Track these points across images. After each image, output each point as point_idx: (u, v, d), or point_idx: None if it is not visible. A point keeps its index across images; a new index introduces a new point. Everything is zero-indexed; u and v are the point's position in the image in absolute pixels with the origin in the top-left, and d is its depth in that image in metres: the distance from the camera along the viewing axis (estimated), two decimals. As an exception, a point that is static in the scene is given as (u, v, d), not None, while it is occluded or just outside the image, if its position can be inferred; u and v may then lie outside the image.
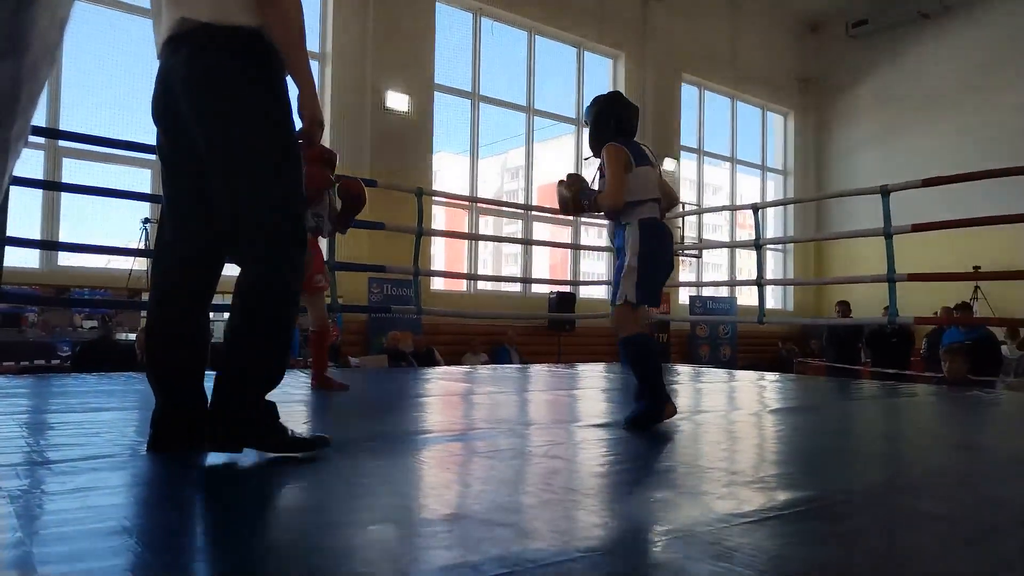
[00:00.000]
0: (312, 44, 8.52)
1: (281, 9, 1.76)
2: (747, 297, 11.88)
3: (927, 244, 6.82)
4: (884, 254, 4.80)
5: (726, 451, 2.32)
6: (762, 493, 1.62)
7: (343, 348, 7.80)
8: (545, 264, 11.46)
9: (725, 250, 12.58)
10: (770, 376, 5.54)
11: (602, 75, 11.14)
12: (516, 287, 10.07)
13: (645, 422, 2.53)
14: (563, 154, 11.14)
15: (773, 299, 13.10)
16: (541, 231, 10.37)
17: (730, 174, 12.82)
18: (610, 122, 2.74)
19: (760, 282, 5.70)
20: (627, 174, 2.63)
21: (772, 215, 13.32)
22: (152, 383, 1.88)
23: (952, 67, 11.40)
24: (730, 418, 3.12)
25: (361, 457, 1.94)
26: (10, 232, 3.92)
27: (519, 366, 6.63)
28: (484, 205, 9.66)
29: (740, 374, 5.72)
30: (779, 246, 13.07)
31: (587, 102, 2.87)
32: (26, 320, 6.49)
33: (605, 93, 2.88)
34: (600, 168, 2.73)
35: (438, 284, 9.39)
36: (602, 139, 2.72)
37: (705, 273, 12.31)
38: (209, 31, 1.73)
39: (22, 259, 6.57)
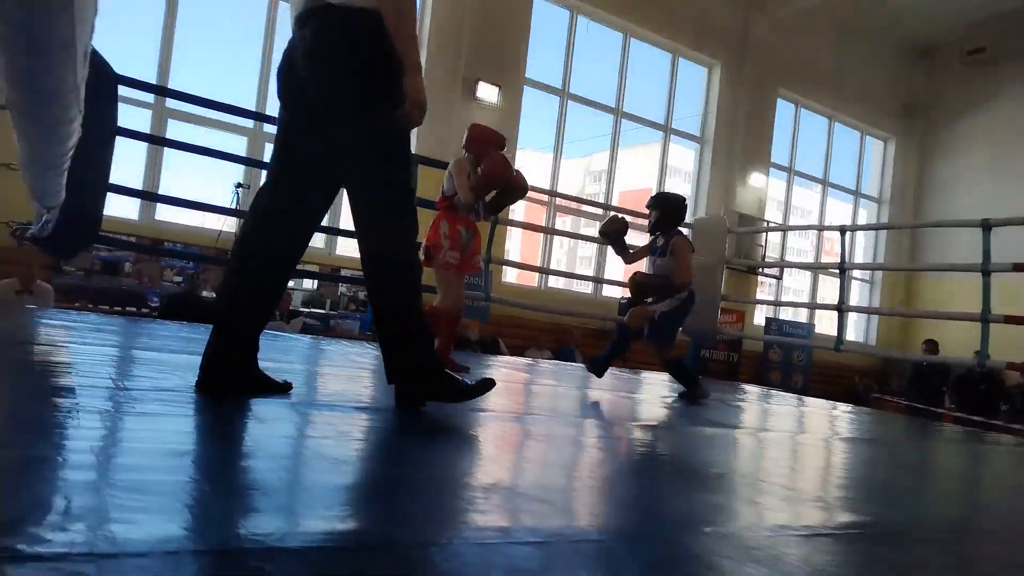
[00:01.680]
0: (412, 29, 8.67)
1: None
2: (827, 326, 11.43)
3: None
4: (979, 294, 4.52)
5: (788, 469, 2.24)
6: (819, 512, 1.56)
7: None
8: (620, 268, 11.35)
9: (807, 276, 12.14)
10: (843, 407, 5.32)
11: (696, 83, 10.93)
12: (587, 288, 10.01)
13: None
14: (648, 160, 10.99)
15: (855, 332, 12.55)
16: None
17: (820, 197, 12.36)
18: (681, 216, 4.04)
19: (841, 308, 5.46)
20: (692, 252, 3.97)
21: (861, 245, 12.76)
22: (217, 327, 1.95)
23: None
24: (796, 440, 3.01)
25: (420, 427, 1.96)
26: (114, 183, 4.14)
27: (583, 365, 6.58)
28: (563, 202, 9.63)
29: (811, 400, 5.51)
30: (866, 276, 12.52)
31: (678, 108, 3.27)
32: (123, 269, 6.88)
33: (678, 196, 4.14)
34: (663, 247, 3.98)
35: (510, 278, 9.42)
36: (672, 224, 4.05)
37: (784, 298, 11.92)
38: (331, 10, 1.83)
39: (123, 211, 6.97)
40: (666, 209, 4.04)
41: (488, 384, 2.07)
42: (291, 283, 7.77)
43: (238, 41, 7.84)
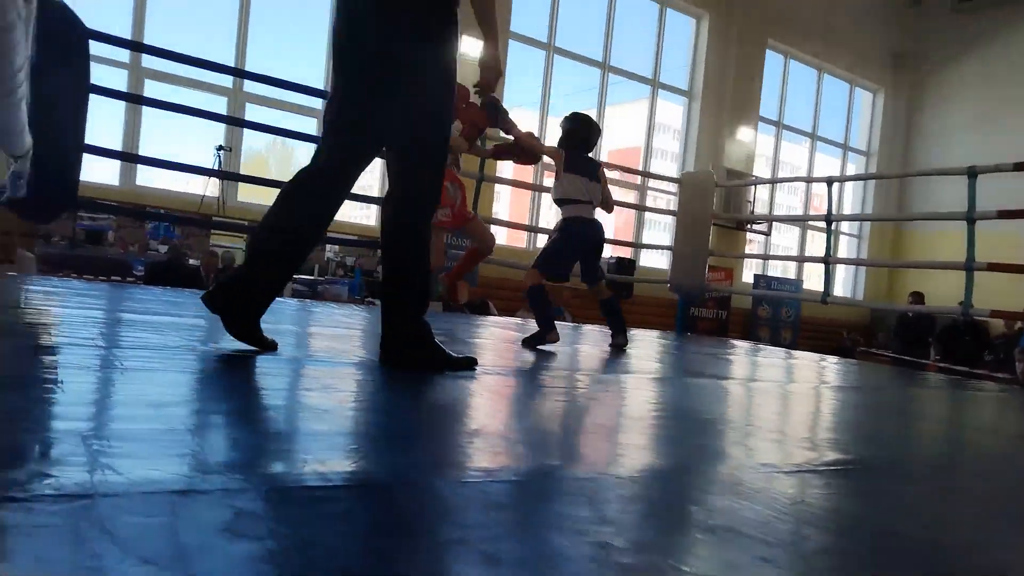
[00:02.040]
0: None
1: None
2: (816, 283, 11.52)
3: (1019, 239, 6.41)
4: (966, 245, 4.51)
5: (776, 415, 2.26)
6: (806, 451, 1.57)
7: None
8: (609, 227, 11.33)
9: (796, 232, 12.15)
10: (831, 359, 5.37)
11: (684, 35, 10.77)
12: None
13: (535, 342, 3.22)
14: (636, 117, 10.88)
15: (843, 287, 12.62)
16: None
17: (809, 151, 12.30)
18: (574, 140, 3.58)
19: (827, 260, 5.47)
20: (559, 176, 3.54)
21: (849, 200, 12.76)
22: (248, 268, 1.95)
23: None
24: (785, 389, 3.04)
25: (410, 381, 1.95)
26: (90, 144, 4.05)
27: (572, 324, 6.60)
28: (549, 160, 9.54)
29: (800, 354, 5.56)
30: (854, 231, 12.55)
31: (665, 61, 3.24)
32: (106, 238, 6.79)
33: (582, 116, 3.70)
34: (592, 170, 3.61)
35: (499, 239, 9.39)
36: (563, 145, 3.58)
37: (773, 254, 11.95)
38: None
39: (103, 176, 6.86)
40: (566, 134, 3.61)
41: (471, 362, 2.11)
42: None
43: (214, 2, 7.65)
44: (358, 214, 9.08)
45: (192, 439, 1.05)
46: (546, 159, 3.68)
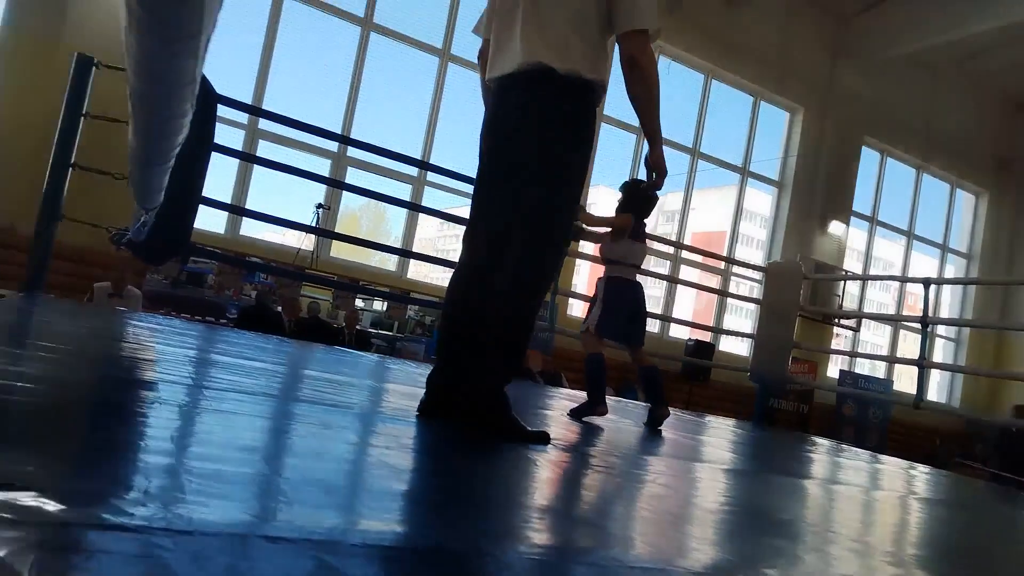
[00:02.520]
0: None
1: (644, 74, 2.06)
2: (907, 384, 10.93)
3: None
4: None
5: (858, 522, 2.14)
6: (889, 567, 1.48)
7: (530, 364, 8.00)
8: (689, 310, 11.17)
9: (887, 331, 11.65)
10: (921, 468, 5.04)
11: (777, 127, 10.78)
12: (654, 327, 9.87)
13: (582, 413, 3.23)
14: (723, 202, 10.86)
15: (937, 392, 11.92)
16: (688, 276, 10.11)
17: (905, 249, 11.89)
18: (647, 208, 3.52)
19: (922, 363, 5.21)
20: (619, 240, 3.45)
21: (947, 303, 12.18)
22: (441, 350, 2.12)
23: None
24: (869, 495, 2.87)
25: (479, 447, 1.97)
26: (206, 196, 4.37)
27: (646, 404, 6.48)
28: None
29: (887, 459, 5.25)
30: (952, 335, 11.91)
31: (757, 152, 3.29)
32: (206, 280, 7.22)
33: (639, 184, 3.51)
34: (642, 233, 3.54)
35: (576, 312, 9.40)
36: (626, 209, 3.50)
37: (862, 353, 11.44)
38: (553, 75, 1.99)
39: (211, 224, 7.34)
40: (628, 198, 3.57)
41: (543, 437, 2.08)
42: (361, 303, 7.97)
43: (329, 70, 8.23)
44: (439, 276, 9.32)
45: (278, 485, 1.09)
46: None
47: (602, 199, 10.07)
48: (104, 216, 4.09)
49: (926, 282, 5.39)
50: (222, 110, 4.39)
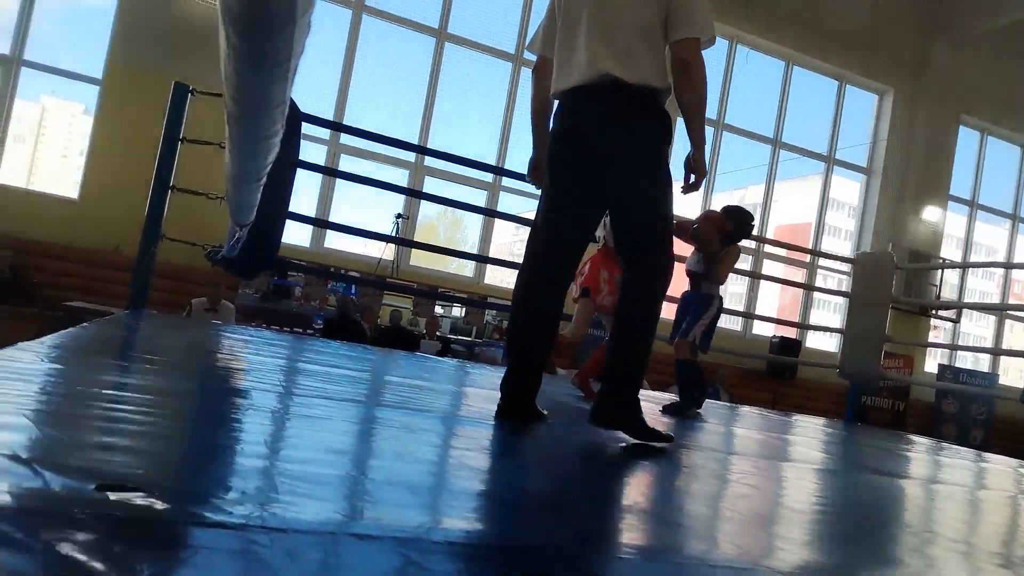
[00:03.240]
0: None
1: (695, 79, 2.10)
2: (1014, 378, 10.25)
3: None
4: None
5: (964, 524, 2.03)
6: (997, 569, 1.40)
7: (554, 359, 8.00)
8: (773, 306, 10.83)
9: (991, 321, 10.94)
10: (1032, 466, 4.71)
11: (864, 111, 10.31)
12: (737, 325, 9.62)
13: (676, 410, 3.43)
14: (807, 193, 10.48)
15: (1049, 385, 11.13)
16: (772, 270, 9.81)
17: (1009, 233, 11.15)
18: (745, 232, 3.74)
19: (1032, 355, 4.87)
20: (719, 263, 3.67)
21: (1060, 287, 11.35)
22: (513, 355, 2.21)
23: None
24: (974, 495, 2.72)
25: (563, 447, 1.98)
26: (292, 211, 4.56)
27: (729, 404, 6.32)
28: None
29: (993, 457, 4.94)
30: (1064, 323, 11.09)
31: (843, 139, 3.27)
32: (293, 293, 7.52)
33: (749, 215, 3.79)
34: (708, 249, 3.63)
35: (663, 313, 9.28)
36: (733, 237, 3.67)
37: (963, 345, 10.79)
38: (619, 84, 2.05)
39: (296, 238, 7.64)
40: (740, 227, 3.77)
41: (667, 438, 2.16)
42: (440, 310, 8.11)
43: (405, 82, 8.43)
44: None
45: (365, 486, 1.14)
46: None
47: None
48: (201, 235, 4.32)
49: (1033, 268, 5.03)
50: (306, 127, 4.59)
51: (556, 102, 2.25)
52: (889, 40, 9.91)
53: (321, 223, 6.90)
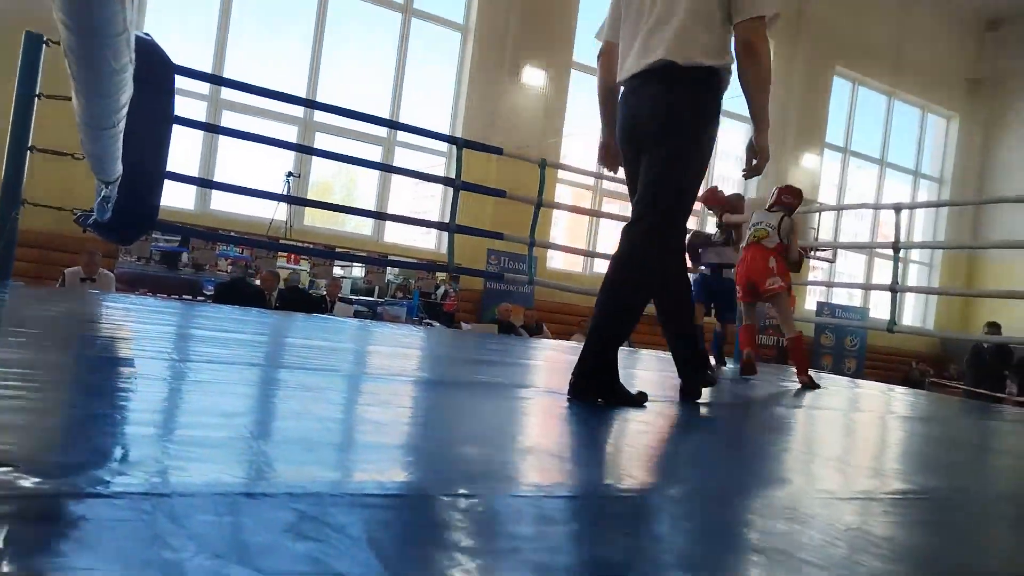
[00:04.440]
0: (457, 15, 8.72)
1: (758, 59, 2.18)
2: (883, 311, 11.13)
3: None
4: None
5: (840, 443, 2.20)
6: (868, 480, 1.53)
7: (456, 313, 8.03)
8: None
9: (862, 260, 11.79)
10: (899, 389, 5.18)
11: (747, 63, 10.68)
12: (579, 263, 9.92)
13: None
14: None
15: (912, 317, 12.16)
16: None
17: (878, 178, 11.97)
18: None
19: (894, 288, 5.30)
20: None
21: (920, 228, 12.33)
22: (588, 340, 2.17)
23: None
24: (850, 417, 2.95)
25: (464, 398, 1.99)
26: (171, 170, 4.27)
27: (629, 349, 6.55)
28: (609, 186, 9.57)
29: (865, 383, 5.38)
30: (925, 259, 12.10)
31: (729, 90, 3.51)
32: (181, 259, 7.12)
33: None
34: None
35: (557, 264, 9.42)
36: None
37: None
38: (675, 69, 2.12)
39: (180, 201, 7.20)
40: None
41: (638, 400, 2.13)
42: (340, 271, 7.93)
43: (288, 34, 8.00)
44: (416, 237, 9.27)
45: (259, 446, 1.10)
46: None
47: (575, 149, 9.99)
48: (70, 199, 4.00)
49: (896, 207, 5.44)
50: (182, 81, 4.29)
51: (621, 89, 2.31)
52: (769, -8, 10.26)
53: (205, 183, 6.54)
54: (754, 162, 2.33)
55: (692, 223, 4.80)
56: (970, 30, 12.36)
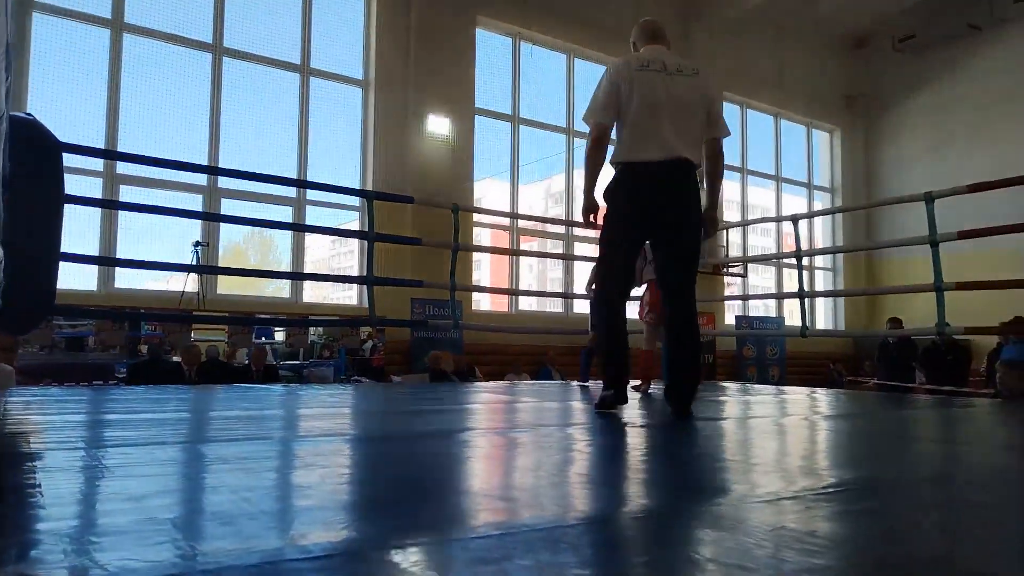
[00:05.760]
0: (355, 71, 8.77)
1: (722, 159, 3.12)
2: (798, 319, 11.62)
3: (990, 259, 6.53)
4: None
5: (771, 447, 2.27)
6: (803, 479, 1.58)
7: (386, 367, 7.90)
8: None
9: (772, 272, 12.35)
10: (819, 391, 5.39)
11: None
12: (558, 307, 10.05)
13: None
14: (606, 178, 11.13)
15: (824, 320, 12.77)
16: (585, 252, 10.32)
17: (775, 193, 12.63)
18: None
19: (802, 294, 5.56)
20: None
21: (820, 236, 13.04)
22: (611, 363, 2.99)
23: (1006, 78, 11.09)
24: (779, 423, 3.04)
25: (391, 451, 1.95)
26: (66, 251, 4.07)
27: (560, 382, 6.59)
28: (526, 224, 9.71)
29: (790, 389, 5.58)
30: (828, 265, 12.77)
31: None
32: (87, 343, 6.75)
33: None
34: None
35: (484, 306, 9.44)
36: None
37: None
38: (691, 165, 2.93)
39: (81, 282, 6.86)
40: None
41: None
42: (263, 338, 7.68)
43: (184, 101, 7.84)
44: (341, 295, 9.12)
45: (172, 526, 1.05)
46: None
47: (490, 191, 10.13)
48: (-47, 291, 3.75)
49: (793, 219, 5.74)
50: (73, 160, 4.12)
51: (628, 162, 2.93)
52: (654, 28, 10.80)
53: (105, 260, 6.26)
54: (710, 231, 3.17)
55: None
56: (841, 50, 13.33)
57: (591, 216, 3.08)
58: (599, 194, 3.08)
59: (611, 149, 3.04)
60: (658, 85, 2.89)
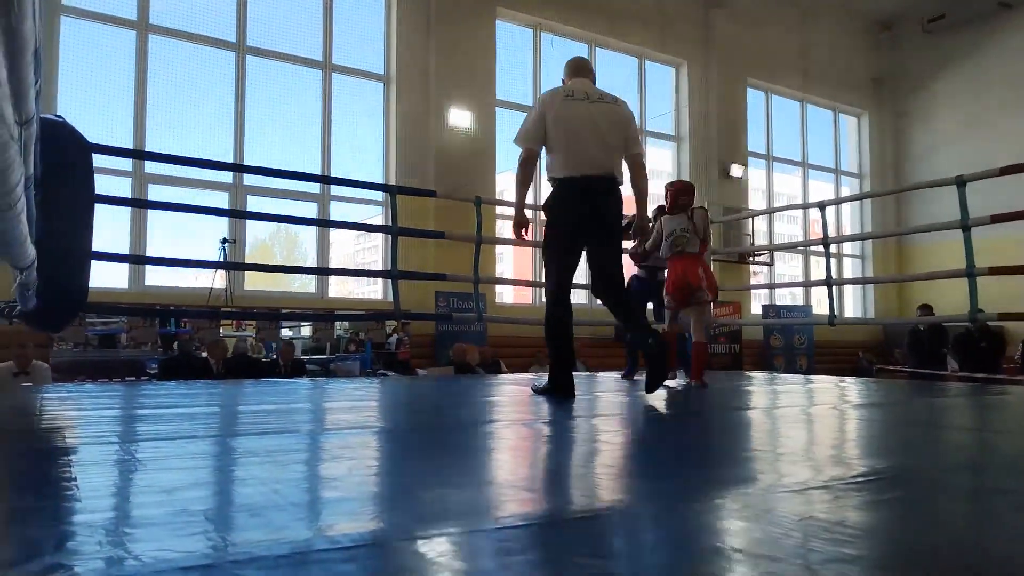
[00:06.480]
0: (376, 66, 8.81)
1: (646, 173, 3.48)
2: (825, 308, 11.47)
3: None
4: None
5: (798, 437, 2.24)
6: (833, 469, 1.56)
7: (411, 361, 7.96)
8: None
9: (800, 260, 12.19)
10: (849, 380, 5.32)
11: (665, 84, 11.04)
12: (583, 298, 10.02)
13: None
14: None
15: (853, 308, 12.58)
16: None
17: (802, 179, 12.44)
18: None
19: (829, 282, 5.48)
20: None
21: (848, 222, 12.84)
22: (565, 353, 3.32)
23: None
24: (807, 412, 3.01)
25: (419, 443, 1.97)
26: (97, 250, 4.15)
27: (586, 374, 6.58)
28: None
29: (817, 378, 5.51)
30: (857, 252, 12.56)
31: (648, 111, 4.09)
32: (119, 340, 6.87)
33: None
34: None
35: (507, 298, 9.45)
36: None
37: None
38: (615, 179, 3.33)
39: (113, 281, 6.99)
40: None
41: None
42: (289, 332, 7.77)
43: (209, 101, 7.94)
44: (366, 289, 9.18)
45: (203, 518, 1.07)
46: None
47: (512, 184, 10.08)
48: (-10, 291, 3.85)
49: (820, 205, 5.66)
50: (102, 160, 4.19)
51: (564, 176, 3.27)
52: (677, 17, 10.68)
53: (137, 259, 6.37)
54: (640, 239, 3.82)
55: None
56: (867, 32, 13.07)
57: (522, 231, 3.45)
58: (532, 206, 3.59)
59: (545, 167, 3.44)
60: (583, 112, 3.29)
